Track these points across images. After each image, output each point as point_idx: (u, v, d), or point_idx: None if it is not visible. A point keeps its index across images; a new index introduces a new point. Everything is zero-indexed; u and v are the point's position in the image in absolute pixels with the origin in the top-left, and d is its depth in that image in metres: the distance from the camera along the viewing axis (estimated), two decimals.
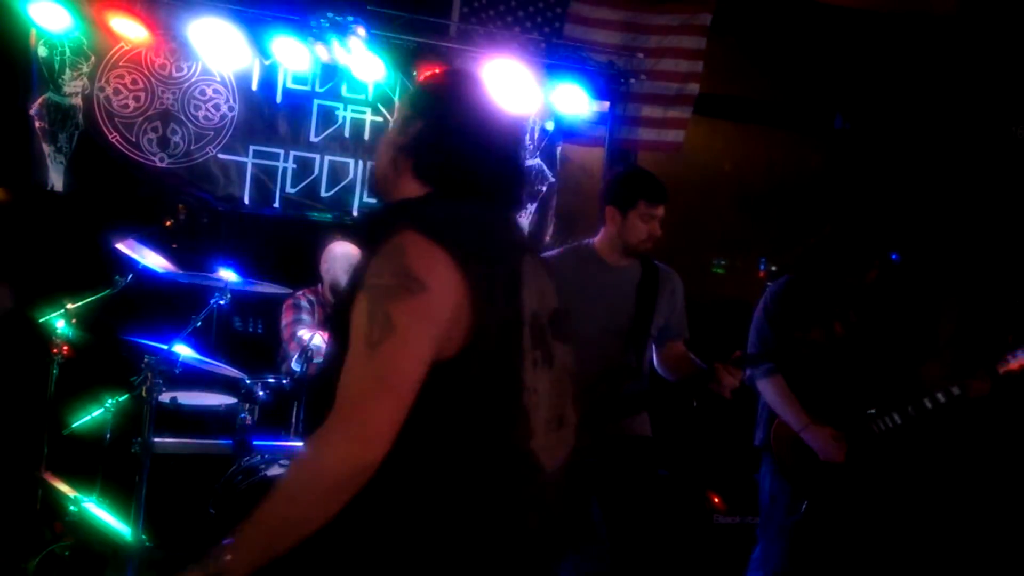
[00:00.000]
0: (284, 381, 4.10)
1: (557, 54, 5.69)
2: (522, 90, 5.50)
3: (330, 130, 5.58)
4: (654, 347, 3.53)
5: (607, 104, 5.89)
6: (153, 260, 4.08)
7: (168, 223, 4.42)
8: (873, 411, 3.49)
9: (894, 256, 3.59)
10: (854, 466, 3.45)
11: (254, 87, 5.40)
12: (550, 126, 5.99)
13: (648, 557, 3.35)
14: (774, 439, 3.59)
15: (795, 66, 6.81)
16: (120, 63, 5.13)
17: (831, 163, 7.09)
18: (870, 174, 6.79)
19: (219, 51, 5.04)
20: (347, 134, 5.60)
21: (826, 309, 3.42)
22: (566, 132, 6.04)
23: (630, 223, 3.36)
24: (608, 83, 5.76)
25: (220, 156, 5.37)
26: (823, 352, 3.31)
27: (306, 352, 4.05)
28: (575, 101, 5.63)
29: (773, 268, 7.42)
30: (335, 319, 1.66)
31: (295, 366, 4.11)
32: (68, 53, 5.04)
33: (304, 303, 4.55)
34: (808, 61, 6.77)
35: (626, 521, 3.33)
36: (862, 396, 3.50)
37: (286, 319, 4.53)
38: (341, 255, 4.56)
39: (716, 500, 4.73)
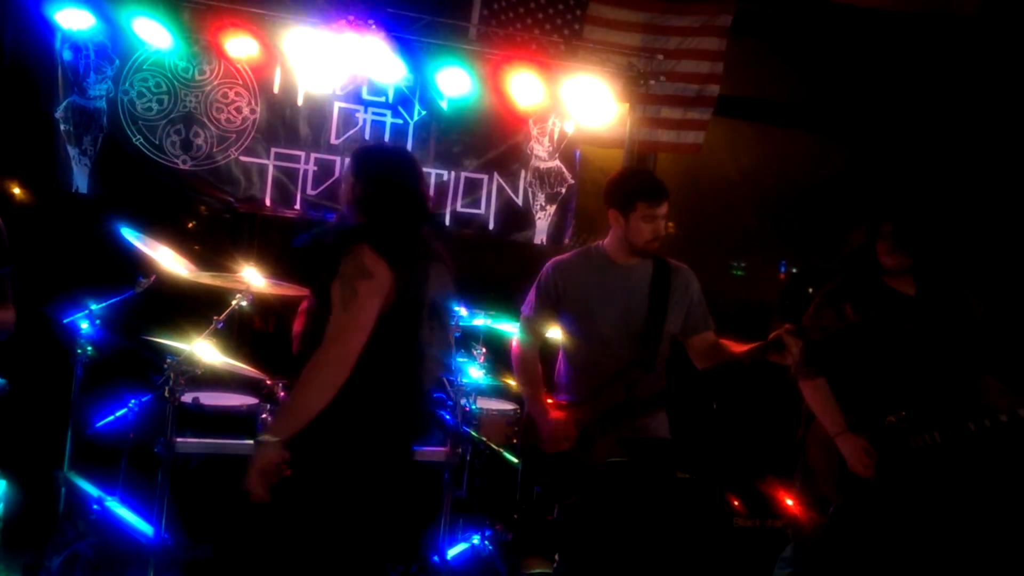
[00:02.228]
0: None
1: (576, 56, 5.69)
2: (541, 92, 5.51)
3: (350, 132, 5.60)
4: (685, 344, 3.50)
5: (626, 106, 5.89)
6: (175, 261, 4.11)
7: (190, 224, 4.48)
8: (914, 424, 3.38)
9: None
10: (884, 478, 3.38)
11: (275, 90, 5.43)
12: (570, 128, 5.99)
13: (667, 560, 3.34)
14: (808, 440, 3.56)
15: (816, 67, 6.78)
16: (144, 66, 5.18)
17: (852, 165, 7.05)
18: (892, 176, 6.75)
19: (241, 54, 5.09)
20: (367, 136, 5.61)
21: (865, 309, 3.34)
22: (586, 134, 6.04)
23: (633, 226, 3.34)
24: (627, 85, 5.76)
25: (242, 158, 5.41)
26: (837, 336, 3.22)
27: None
28: (595, 103, 5.63)
29: (794, 271, 7.39)
30: (318, 292, 2.78)
31: None
32: (93, 57, 5.09)
33: None
34: (829, 62, 6.74)
35: (645, 524, 3.32)
36: (912, 402, 3.43)
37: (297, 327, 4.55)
38: None
39: (736, 503, 4.71)
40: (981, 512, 4.10)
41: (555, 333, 3.59)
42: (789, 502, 3.84)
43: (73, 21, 4.85)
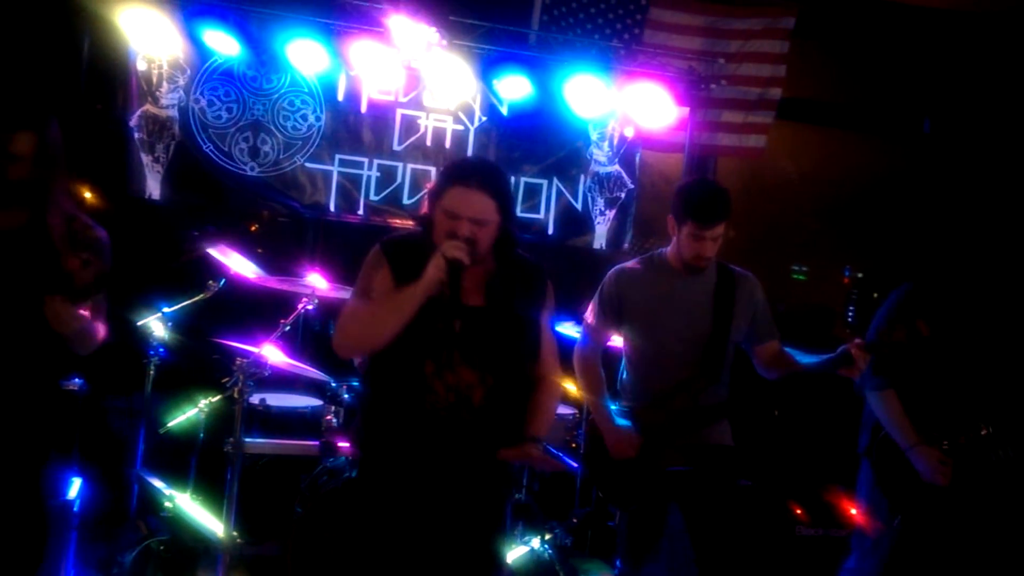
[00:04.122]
0: None
1: (636, 60, 5.68)
2: (601, 97, 5.51)
3: (412, 139, 5.68)
4: (750, 351, 3.48)
5: (687, 110, 5.86)
6: (244, 266, 4.21)
7: (254, 228, 4.57)
8: (992, 435, 3.36)
9: None
10: (958, 491, 3.34)
11: (340, 97, 5.54)
12: (629, 132, 5.98)
13: (730, 568, 3.32)
14: (878, 451, 3.51)
15: (879, 69, 6.66)
16: (214, 76, 5.32)
17: (916, 168, 6.91)
18: (956, 178, 6.60)
19: (306, 63, 5.19)
20: (429, 143, 5.69)
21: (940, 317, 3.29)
22: (645, 138, 6.02)
23: (681, 239, 3.31)
24: (688, 89, 5.72)
25: (307, 165, 5.53)
26: (908, 352, 3.18)
27: None
28: (655, 107, 5.61)
29: (859, 275, 7.27)
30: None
31: None
32: (165, 67, 5.25)
33: None
34: (892, 64, 6.61)
35: (708, 531, 3.31)
36: (980, 415, 3.39)
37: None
38: None
39: (798, 512, 4.65)
40: None
41: (618, 339, 3.60)
42: (853, 511, 3.79)
43: (147, 33, 4.99)
